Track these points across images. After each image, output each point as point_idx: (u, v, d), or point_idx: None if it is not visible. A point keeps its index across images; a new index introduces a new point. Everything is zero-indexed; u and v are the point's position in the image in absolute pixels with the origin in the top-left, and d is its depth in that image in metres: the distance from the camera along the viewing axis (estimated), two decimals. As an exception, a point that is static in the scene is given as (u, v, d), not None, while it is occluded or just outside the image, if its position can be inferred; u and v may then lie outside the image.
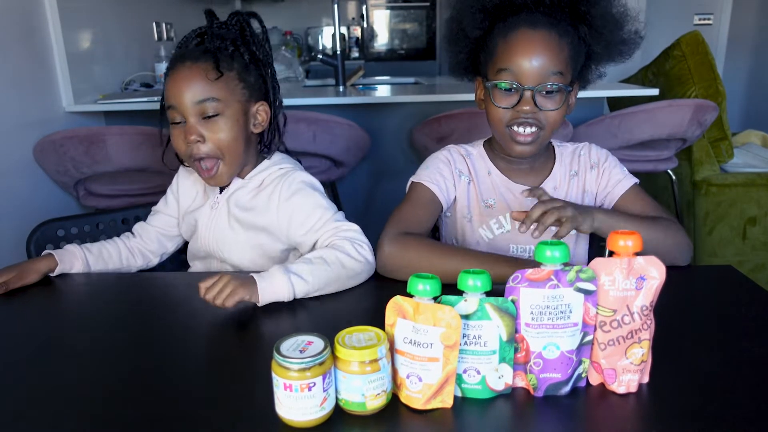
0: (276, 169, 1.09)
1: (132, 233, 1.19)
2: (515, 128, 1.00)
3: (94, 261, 1.10)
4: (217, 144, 1.01)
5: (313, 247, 1.03)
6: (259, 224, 1.07)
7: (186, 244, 1.19)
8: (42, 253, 1.06)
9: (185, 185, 1.17)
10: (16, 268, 1.01)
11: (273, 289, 0.89)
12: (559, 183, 1.10)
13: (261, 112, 1.07)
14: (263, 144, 1.13)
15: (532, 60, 0.96)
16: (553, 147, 1.13)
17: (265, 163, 1.10)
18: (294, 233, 1.05)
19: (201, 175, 1.05)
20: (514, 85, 0.98)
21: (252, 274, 0.89)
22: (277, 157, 1.12)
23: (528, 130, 1.00)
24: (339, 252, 0.95)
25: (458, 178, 1.10)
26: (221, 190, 1.11)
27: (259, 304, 0.88)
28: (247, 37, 1.07)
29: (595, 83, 1.10)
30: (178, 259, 1.28)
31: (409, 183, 1.09)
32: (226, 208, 1.09)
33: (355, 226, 1.02)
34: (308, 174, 1.10)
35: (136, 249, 1.16)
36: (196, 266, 1.18)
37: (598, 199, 1.10)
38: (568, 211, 0.90)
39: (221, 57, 1.02)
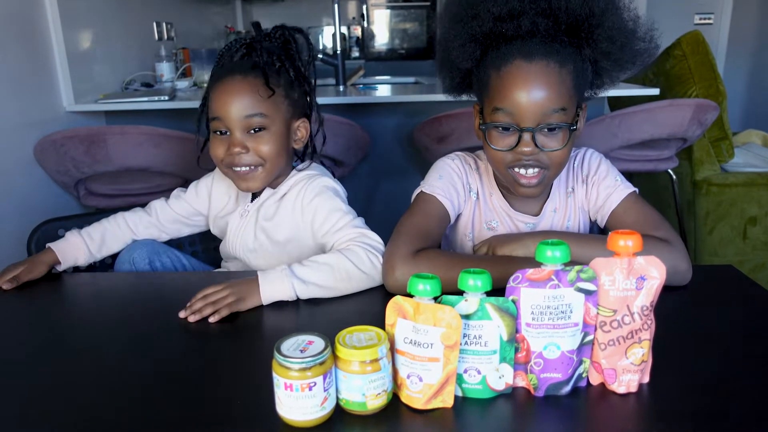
0: (304, 174, 1.10)
1: (144, 211, 1.18)
2: (517, 170, 0.92)
3: (97, 248, 1.11)
4: (260, 154, 1.03)
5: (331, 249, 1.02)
6: (284, 236, 1.08)
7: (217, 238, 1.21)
8: (45, 249, 1.08)
9: (219, 189, 1.17)
10: (23, 263, 1.03)
11: (274, 291, 0.90)
12: (558, 204, 1.05)
13: (301, 128, 1.10)
14: (298, 156, 1.15)
15: (529, 98, 0.86)
16: None
17: (295, 171, 1.11)
18: (316, 236, 1.05)
19: (235, 177, 1.05)
20: (512, 127, 0.89)
21: (258, 273, 0.91)
22: (304, 165, 1.14)
23: (531, 171, 0.92)
24: (349, 262, 0.93)
25: (467, 194, 1.04)
26: (253, 198, 1.13)
27: (264, 304, 0.90)
28: (292, 52, 1.07)
29: (607, 91, 1.00)
30: (212, 253, 1.29)
31: (417, 191, 1.02)
32: (254, 217, 1.11)
33: (378, 238, 0.99)
34: (334, 180, 1.10)
35: (141, 228, 1.16)
36: (227, 266, 1.20)
37: (591, 217, 1.05)
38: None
39: (271, 75, 1.02)
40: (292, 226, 1.08)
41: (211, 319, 0.85)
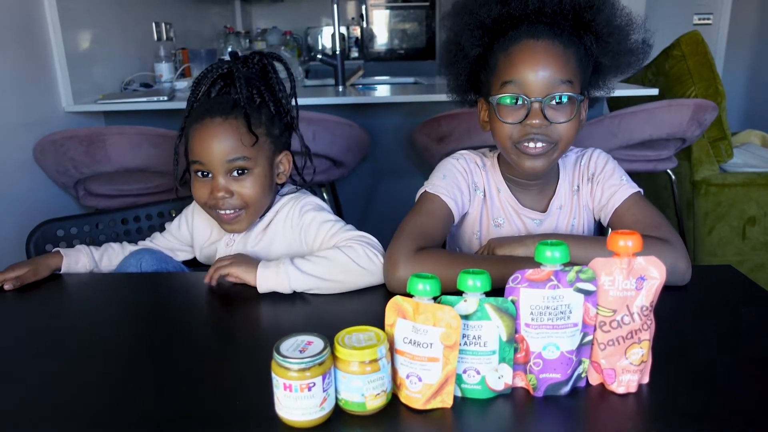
0: (287, 198, 1.10)
1: (138, 243, 1.20)
2: (525, 143, 0.94)
3: (99, 256, 1.12)
4: (244, 198, 1.01)
5: None
6: (279, 253, 1.06)
7: None
8: (52, 251, 1.09)
9: (200, 222, 1.16)
10: (29, 264, 1.03)
11: (269, 275, 0.91)
12: (564, 201, 1.05)
13: (284, 162, 1.08)
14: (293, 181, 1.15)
15: (537, 70, 0.90)
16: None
17: (278, 197, 1.11)
18: (312, 249, 1.04)
19: (219, 219, 1.04)
20: (521, 99, 0.92)
21: (261, 261, 0.94)
22: (287, 188, 1.13)
23: (538, 144, 0.93)
24: (346, 256, 0.93)
25: (473, 192, 1.05)
26: None
27: (260, 291, 0.91)
28: (272, 82, 1.05)
29: (601, 101, 1.01)
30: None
31: (421, 191, 1.03)
32: (242, 245, 1.09)
33: (375, 238, 0.99)
34: (316, 197, 1.11)
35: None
36: None
37: (595, 215, 1.06)
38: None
39: (252, 113, 0.99)
40: (285, 245, 1.07)
41: (206, 279, 0.96)
